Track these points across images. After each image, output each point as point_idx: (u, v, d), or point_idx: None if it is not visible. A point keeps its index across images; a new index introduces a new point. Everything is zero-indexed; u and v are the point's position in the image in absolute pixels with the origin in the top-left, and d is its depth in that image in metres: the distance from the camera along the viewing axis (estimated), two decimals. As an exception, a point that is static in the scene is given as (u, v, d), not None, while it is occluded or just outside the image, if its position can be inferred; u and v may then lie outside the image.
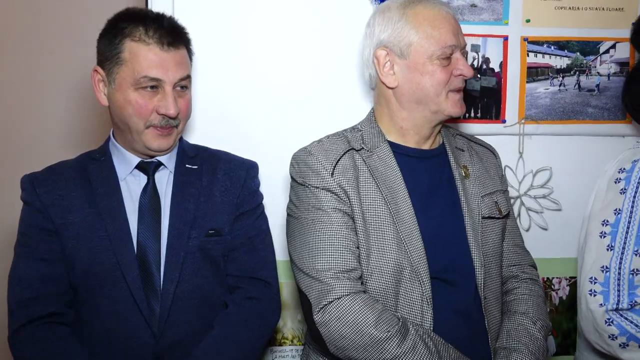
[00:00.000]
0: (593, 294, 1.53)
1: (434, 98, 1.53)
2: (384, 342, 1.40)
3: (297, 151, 1.61)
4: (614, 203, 1.58)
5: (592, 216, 1.63)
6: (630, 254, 1.52)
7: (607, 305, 1.51)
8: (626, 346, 1.50)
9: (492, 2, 2.01)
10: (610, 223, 1.57)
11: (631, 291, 1.51)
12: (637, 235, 1.53)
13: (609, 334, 1.51)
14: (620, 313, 1.50)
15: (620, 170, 1.62)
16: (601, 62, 2.07)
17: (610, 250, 1.55)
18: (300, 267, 1.51)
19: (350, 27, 1.92)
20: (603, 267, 1.54)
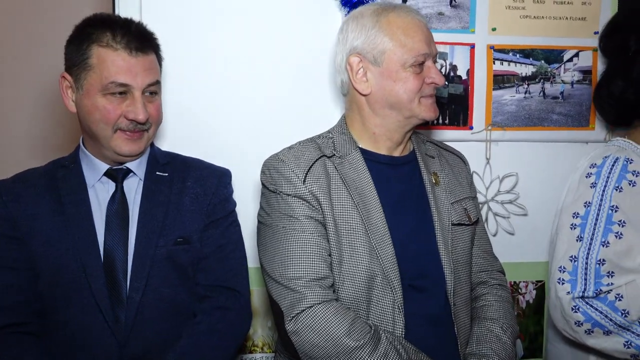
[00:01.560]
0: (561, 282, 1.59)
1: (407, 104, 1.54)
2: (356, 350, 1.40)
3: (268, 158, 1.60)
4: (585, 196, 1.64)
5: (564, 209, 1.69)
6: (598, 244, 1.58)
7: (574, 293, 1.56)
8: (591, 332, 1.55)
9: (459, 11, 2.04)
10: (581, 215, 1.63)
11: (597, 280, 1.55)
12: (604, 227, 1.59)
13: (575, 320, 1.56)
14: (586, 301, 1.55)
15: (591, 165, 1.68)
16: (565, 70, 2.12)
17: (579, 241, 1.60)
18: (272, 275, 1.50)
19: (322, 33, 1.93)
20: (572, 256, 1.59)
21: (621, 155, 1.66)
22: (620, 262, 1.56)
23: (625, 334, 1.53)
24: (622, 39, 1.77)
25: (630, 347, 1.53)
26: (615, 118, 1.86)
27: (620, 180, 1.62)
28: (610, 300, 1.54)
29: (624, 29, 1.78)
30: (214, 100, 1.93)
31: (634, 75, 1.72)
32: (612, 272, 1.55)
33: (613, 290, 1.54)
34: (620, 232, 1.57)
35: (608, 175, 1.63)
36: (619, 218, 1.59)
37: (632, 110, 1.77)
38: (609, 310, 1.53)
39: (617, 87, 1.77)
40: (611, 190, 1.61)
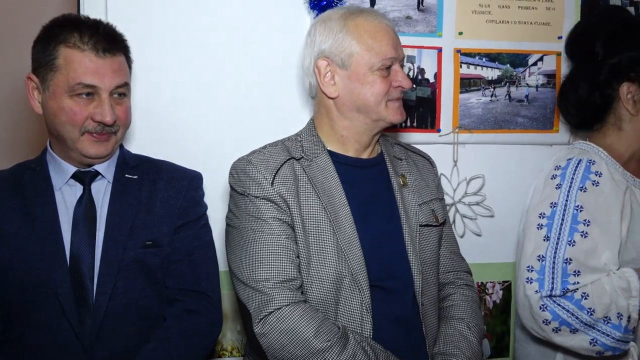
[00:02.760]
0: (529, 281, 1.62)
1: (374, 107, 1.56)
2: (324, 352, 1.41)
3: (237, 160, 1.60)
4: (550, 197, 1.67)
5: (531, 209, 1.73)
6: (565, 244, 1.61)
7: (541, 292, 1.59)
8: (559, 331, 1.58)
9: (427, 15, 2.07)
10: (547, 215, 1.66)
11: (564, 279, 1.58)
12: (570, 227, 1.62)
13: (543, 319, 1.58)
14: (553, 299, 1.58)
15: (556, 167, 1.72)
16: (530, 73, 2.16)
17: (546, 240, 1.63)
18: (240, 277, 1.50)
19: (291, 35, 1.94)
20: (539, 256, 1.62)
21: (584, 157, 1.70)
22: (586, 261, 1.59)
23: (591, 332, 1.56)
24: (588, 43, 1.81)
25: (595, 344, 1.56)
26: (579, 121, 1.90)
27: (584, 181, 1.66)
28: (577, 299, 1.56)
29: (590, 34, 1.82)
30: (183, 103, 1.92)
31: (601, 79, 1.76)
32: (579, 271, 1.59)
33: (579, 289, 1.57)
34: (585, 232, 1.61)
35: (572, 176, 1.67)
36: (584, 217, 1.62)
37: (596, 114, 1.81)
38: (575, 308, 1.56)
39: (583, 91, 1.81)
40: (576, 190, 1.65)
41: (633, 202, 1.68)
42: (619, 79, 1.74)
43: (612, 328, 1.55)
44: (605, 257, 1.61)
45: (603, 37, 1.77)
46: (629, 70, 1.73)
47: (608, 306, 1.56)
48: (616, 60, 1.74)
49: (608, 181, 1.67)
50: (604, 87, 1.76)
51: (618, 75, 1.74)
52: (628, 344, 1.58)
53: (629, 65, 1.73)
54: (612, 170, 1.71)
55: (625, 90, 1.73)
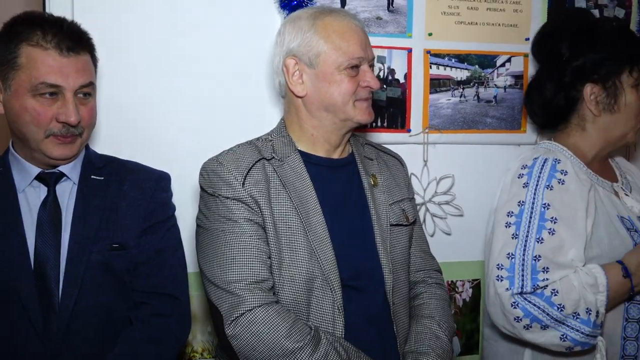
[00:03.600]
0: (500, 279, 1.63)
1: (342, 107, 1.56)
2: (296, 352, 1.40)
3: (207, 161, 1.58)
4: (518, 196, 1.69)
5: (498, 208, 1.75)
6: (533, 241, 1.63)
7: (512, 290, 1.60)
8: (529, 328, 1.60)
9: (397, 16, 2.08)
10: (515, 214, 1.68)
11: (534, 276, 1.60)
12: (538, 225, 1.64)
13: (515, 316, 1.60)
14: (524, 296, 1.60)
15: (523, 166, 1.74)
16: (498, 74, 2.19)
17: (515, 238, 1.65)
18: (211, 279, 1.49)
19: (261, 35, 1.92)
20: (509, 254, 1.64)
21: (550, 156, 1.73)
22: (555, 258, 1.62)
23: (561, 328, 1.59)
24: (554, 44, 1.83)
25: (565, 340, 1.59)
26: (544, 121, 1.93)
27: (550, 179, 1.68)
28: (547, 295, 1.59)
29: (556, 36, 1.85)
30: (152, 102, 1.90)
31: (566, 80, 1.78)
32: (547, 268, 1.61)
33: (549, 286, 1.60)
34: (553, 229, 1.63)
35: (539, 175, 1.70)
36: (551, 215, 1.65)
37: (560, 115, 1.84)
38: (546, 305, 1.58)
39: (548, 91, 1.83)
40: (542, 189, 1.67)
41: (597, 200, 1.72)
42: (582, 81, 1.77)
43: (581, 323, 1.58)
44: (572, 253, 1.63)
45: (568, 39, 1.80)
46: (592, 72, 1.76)
47: (577, 302, 1.58)
48: (580, 62, 1.77)
49: (573, 179, 1.70)
50: (568, 89, 1.79)
51: (582, 77, 1.77)
52: (596, 339, 1.61)
53: (592, 67, 1.75)
54: (576, 169, 1.74)
55: (589, 92, 1.76)
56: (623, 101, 1.75)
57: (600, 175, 1.80)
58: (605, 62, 1.74)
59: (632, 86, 1.75)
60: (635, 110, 1.76)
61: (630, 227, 1.72)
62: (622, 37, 1.78)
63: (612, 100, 1.75)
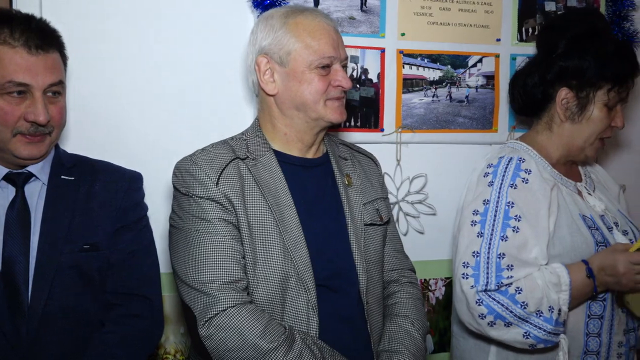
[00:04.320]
0: (465, 276, 1.65)
1: (313, 106, 1.56)
2: (271, 352, 1.40)
3: (180, 160, 1.57)
4: (483, 194, 1.71)
5: (464, 206, 1.76)
6: (497, 239, 1.65)
7: (477, 287, 1.62)
8: (493, 325, 1.62)
9: (370, 16, 2.08)
10: (480, 212, 1.70)
11: (498, 273, 1.62)
12: (503, 223, 1.66)
13: (479, 313, 1.62)
14: (488, 294, 1.61)
15: (488, 165, 1.76)
16: (470, 75, 2.21)
17: (480, 236, 1.67)
18: (184, 279, 1.47)
19: (235, 34, 1.92)
20: (474, 252, 1.66)
21: (514, 155, 1.75)
22: (519, 255, 1.64)
23: (524, 325, 1.61)
24: (554, 37, 1.83)
25: (528, 337, 1.61)
26: (519, 107, 1.93)
27: (515, 178, 1.70)
28: (511, 293, 1.61)
29: (560, 30, 1.84)
30: (123, 101, 1.88)
31: (549, 77, 1.80)
32: (512, 266, 1.63)
33: (513, 284, 1.61)
34: (517, 227, 1.65)
35: (503, 174, 1.72)
36: (515, 213, 1.67)
37: (534, 106, 1.85)
38: (509, 302, 1.60)
39: (531, 80, 1.84)
40: (507, 187, 1.69)
41: (560, 198, 1.74)
42: (560, 82, 1.78)
43: (544, 321, 1.60)
44: (535, 251, 1.65)
45: (567, 37, 1.80)
46: (572, 77, 1.76)
47: (540, 300, 1.61)
48: (566, 63, 1.77)
49: (537, 178, 1.72)
50: (548, 85, 1.80)
51: (561, 79, 1.78)
52: (559, 337, 1.63)
53: (574, 73, 1.76)
54: (540, 169, 1.76)
55: (562, 95, 1.78)
56: (588, 115, 1.76)
57: (564, 174, 1.83)
58: (587, 73, 1.74)
59: (604, 104, 1.76)
60: (597, 128, 1.77)
61: (591, 225, 1.75)
62: (617, 54, 1.76)
63: (578, 111, 1.77)
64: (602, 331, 1.72)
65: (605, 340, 1.72)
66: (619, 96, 1.77)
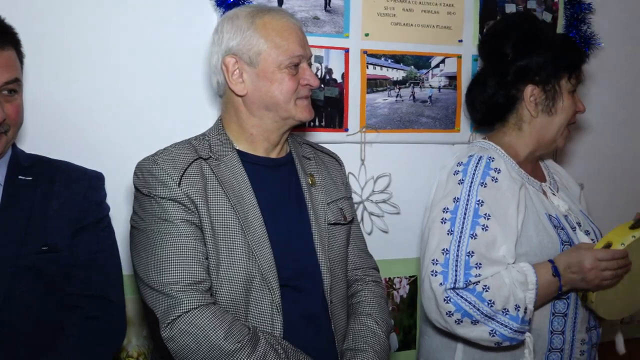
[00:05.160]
0: (434, 274, 1.65)
1: (283, 105, 1.56)
2: (235, 353, 1.39)
3: (142, 160, 1.55)
4: (453, 192, 1.73)
5: (434, 204, 1.77)
6: (467, 237, 1.66)
7: (446, 284, 1.63)
8: (460, 322, 1.63)
9: (334, 16, 2.09)
10: (450, 210, 1.71)
11: (467, 271, 1.64)
12: (472, 221, 1.68)
13: (447, 310, 1.63)
14: (456, 292, 1.63)
15: (458, 164, 1.78)
16: (432, 75, 2.24)
17: (450, 234, 1.68)
18: (146, 281, 1.45)
19: (197, 33, 1.90)
20: (444, 249, 1.67)
21: (484, 154, 1.77)
22: (487, 254, 1.66)
23: (490, 323, 1.62)
24: (499, 43, 1.86)
25: (495, 335, 1.63)
26: (482, 117, 1.96)
27: (485, 177, 1.72)
28: (479, 291, 1.62)
29: (502, 36, 1.88)
30: (84, 100, 1.84)
31: (508, 79, 1.82)
32: (480, 264, 1.64)
33: (481, 282, 1.63)
34: (486, 225, 1.67)
35: (474, 172, 1.73)
36: (485, 211, 1.68)
37: (498, 113, 1.88)
38: (477, 300, 1.62)
39: (490, 88, 1.87)
40: (477, 186, 1.71)
41: (527, 198, 1.77)
42: (523, 81, 1.81)
43: (510, 319, 1.62)
44: (503, 249, 1.67)
45: (514, 40, 1.84)
46: (534, 74, 1.80)
47: (507, 298, 1.63)
48: (524, 62, 1.81)
49: (506, 177, 1.74)
50: (509, 88, 1.83)
51: (523, 78, 1.81)
52: (524, 335, 1.65)
53: (535, 69, 1.80)
54: (509, 168, 1.79)
55: (529, 93, 1.81)
56: (560, 105, 1.81)
57: (530, 174, 1.86)
58: (547, 66, 1.79)
59: (569, 92, 1.82)
60: (568, 115, 1.83)
61: (557, 225, 1.78)
62: (565, 45, 1.84)
63: (550, 103, 1.81)
64: (565, 329, 1.76)
65: (568, 338, 1.76)
66: (577, 82, 1.84)
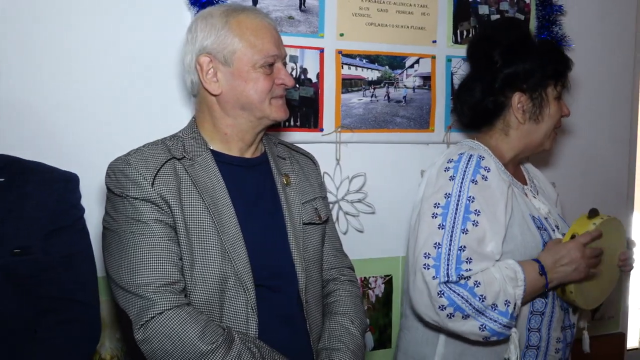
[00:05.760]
0: (427, 267, 1.67)
1: (258, 105, 1.55)
2: (209, 354, 1.38)
3: (114, 160, 1.53)
4: (444, 188, 1.75)
5: (425, 199, 1.79)
6: (459, 232, 1.68)
7: (439, 278, 1.65)
8: (452, 317, 1.65)
9: (309, 16, 2.09)
10: (441, 205, 1.73)
11: (458, 265, 1.65)
12: (464, 216, 1.70)
13: (440, 304, 1.64)
14: (449, 286, 1.64)
15: (449, 160, 1.80)
16: (407, 75, 2.25)
17: (441, 228, 1.70)
18: (119, 282, 1.44)
19: (170, 32, 1.89)
20: (436, 243, 1.68)
21: (474, 153, 1.79)
22: (478, 249, 1.68)
23: (480, 318, 1.64)
24: (488, 50, 1.89)
25: (484, 330, 1.65)
26: (470, 121, 1.98)
27: (475, 174, 1.74)
28: (470, 286, 1.64)
29: (491, 42, 1.90)
30: (56, 100, 1.82)
31: (496, 86, 1.85)
32: (471, 259, 1.66)
33: (472, 277, 1.65)
34: (476, 221, 1.69)
35: (465, 169, 1.75)
36: (475, 207, 1.70)
37: (486, 117, 1.91)
38: (469, 295, 1.63)
39: (478, 94, 1.89)
40: (468, 182, 1.73)
41: (513, 198, 1.80)
42: (511, 89, 1.84)
43: (500, 314, 1.64)
44: (491, 246, 1.70)
45: (502, 47, 1.86)
46: (522, 81, 1.83)
47: (497, 293, 1.65)
48: (512, 70, 1.83)
49: (495, 177, 1.77)
50: (497, 94, 1.86)
51: (511, 85, 1.84)
52: (511, 330, 1.68)
53: (523, 77, 1.83)
54: (498, 168, 1.81)
55: (517, 100, 1.84)
56: (547, 112, 1.85)
57: (513, 176, 1.89)
58: (535, 74, 1.83)
59: (555, 98, 1.86)
60: (554, 121, 1.88)
61: (540, 225, 1.82)
62: (551, 52, 1.87)
63: (537, 110, 1.84)
64: (542, 327, 1.79)
65: (544, 336, 1.79)
66: (562, 89, 1.88)
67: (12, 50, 1.73)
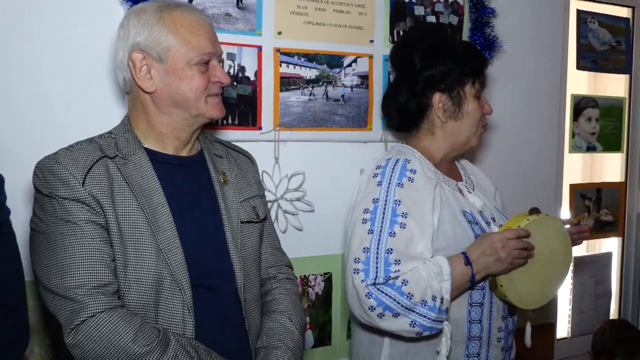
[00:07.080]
0: (356, 271, 1.71)
1: (194, 102, 1.53)
2: (144, 356, 1.35)
3: (42, 159, 1.47)
4: (373, 193, 1.79)
5: (355, 205, 1.83)
6: (386, 235, 1.72)
7: (367, 281, 1.69)
8: (383, 316, 1.68)
9: (246, 13, 2.07)
10: (370, 210, 1.77)
11: (386, 267, 1.69)
12: (391, 220, 1.74)
13: (369, 306, 1.68)
14: (377, 287, 1.68)
15: (377, 167, 1.85)
16: (345, 74, 2.27)
17: (370, 233, 1.74)
18: (48, 286, 1.39)
19: (101, 28, 1.84)
20: (365, 248, 1.73)
21: (401, 157, 1.85)
22: (406, 250, 1.72)
23: (410, 315, 1.68)
24: (408, 55, 1.95)
25: (415, 326, 1.68)
26: (398, 124, 2.05)
27: (401, 178, 1.79)
28: (398, 285, 1.67)
29: (411, 47, 1.97)
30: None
31: (418, 88, 1.91)
32: (399, 260, 1.70)
33: (400, 277, 1.69)
34: (404, 223, 1.74)
35: (391, 174, 1.80)
36: (402, 210, 1.75)
37: (413, 119, 1.97)
38: (397, 294, 1.67)
39: (402, 97, 1.95)
40: (394, 186, 1.78)
41: (442, 195, 1.85)
42: (431, 89, 1.91)
43: (428, 310, 1.68)
44: (421, 246, 1.74)
45: (421, 51, 1.93)
46: (440, 81, 1.90)
47: (424, 290, 1.69)
48: (430, 72, 1.90)
49: (421, 178, 1.82)
50: (420, 96, 1.92)
51: (431, 86, 1.91)
52: (442, 324, 1.72)
53: (440, 78, 1.90)
54: (425, 168, 1.87)
55: (437, 100, 1.90)
56: (466, 109, 1.91)
57: (447, 174, 1.95)
58: (451, 74, 1.89)
59: (473, 96, 1.92)
60: (476, 118, 1.93)
61: (471, 220, 1.88)
62: (468, 53, 1.95)
63: (456, 109, 1.91)
64: (482, 317, 1.84)
65: (486, 326, 1.84)
66: (480, 86, 1.94)
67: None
